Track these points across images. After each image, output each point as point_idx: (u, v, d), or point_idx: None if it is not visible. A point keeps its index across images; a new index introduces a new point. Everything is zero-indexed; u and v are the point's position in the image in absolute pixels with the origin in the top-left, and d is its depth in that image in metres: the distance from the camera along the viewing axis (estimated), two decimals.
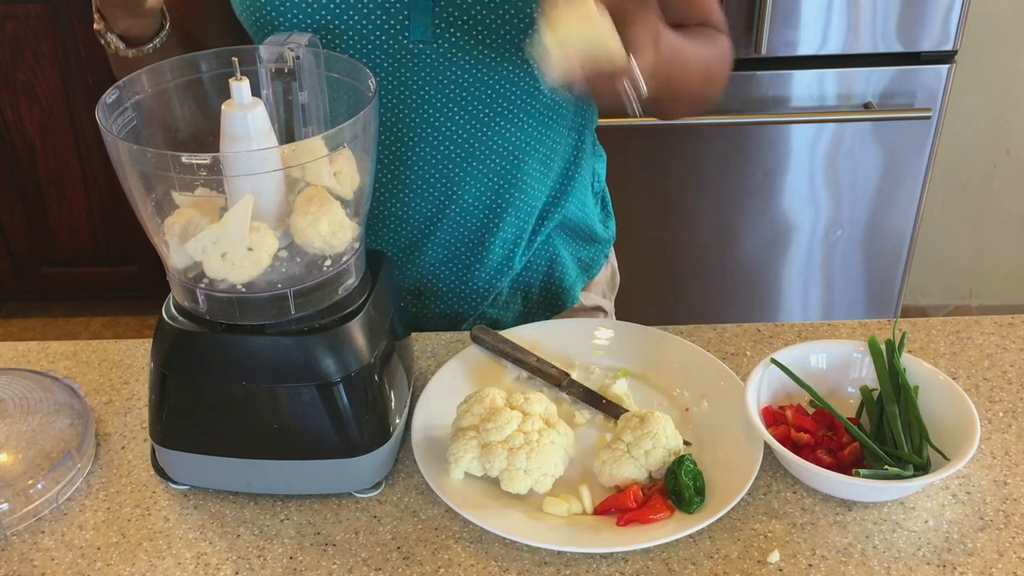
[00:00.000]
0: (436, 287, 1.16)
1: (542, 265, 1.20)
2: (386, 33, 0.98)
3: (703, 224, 2.15)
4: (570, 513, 0.86)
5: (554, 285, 1.21)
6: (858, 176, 2.11)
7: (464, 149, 1.06)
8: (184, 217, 0.83)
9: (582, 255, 1.24)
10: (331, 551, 0.84)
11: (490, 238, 1.12)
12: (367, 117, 0.82)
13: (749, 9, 1.92)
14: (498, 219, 1.11)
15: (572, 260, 1.22)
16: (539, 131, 1.08)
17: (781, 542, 0.84)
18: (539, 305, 1.22)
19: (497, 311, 1.20)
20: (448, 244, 1.13)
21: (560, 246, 1.20)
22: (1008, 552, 0.82)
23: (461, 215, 1.10)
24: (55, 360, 1.09)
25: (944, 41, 1.97)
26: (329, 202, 0.83)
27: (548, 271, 1.20)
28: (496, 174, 1.08)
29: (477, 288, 1.16)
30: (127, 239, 2.76)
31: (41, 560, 0.84)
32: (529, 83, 1.03)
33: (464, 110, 1.03)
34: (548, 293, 1.22)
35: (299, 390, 0.84)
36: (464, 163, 1.07)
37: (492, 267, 1.15)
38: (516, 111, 1.05)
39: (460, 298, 1.17)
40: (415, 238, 1.12)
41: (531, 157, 1.09)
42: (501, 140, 1.06)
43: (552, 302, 1.22)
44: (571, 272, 1.22)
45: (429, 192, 1.08)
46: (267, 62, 0.87)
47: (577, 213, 1.19)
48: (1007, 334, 1.09)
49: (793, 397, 0.96)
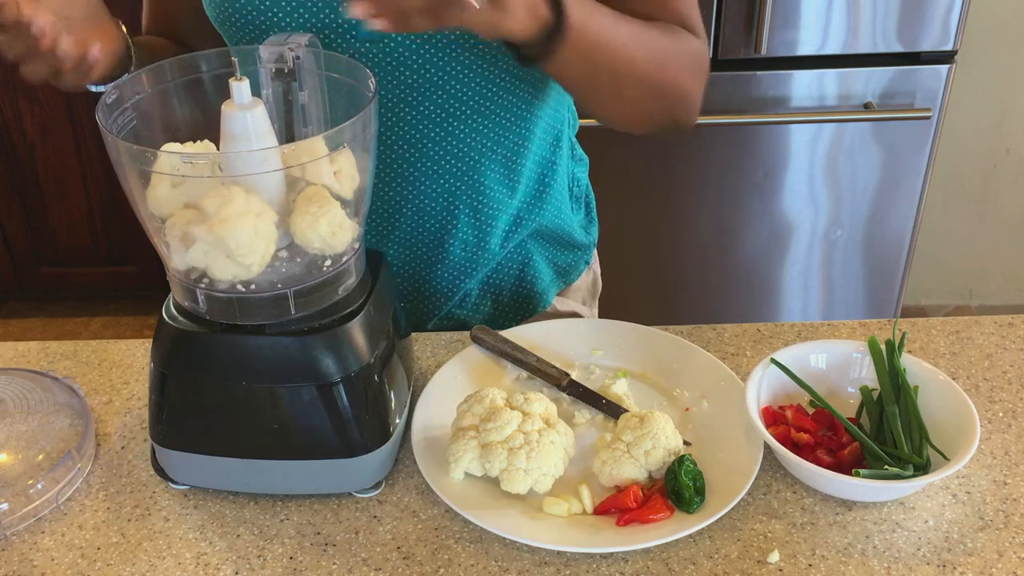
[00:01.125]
0: (398, 286, 1.16)
1: (514, 268, 1.19)
2: (334, 32, 0.97)
3: (703, 224, 2.15)
4: (570, 513, 0.86)
5: (526, 289, 1.20)
6: (858, 176, 2.11)
7: (417, 149, 1.05)
8: (184, 218, 0.83)
9: (558, 260, 1.23)
10: (331, 551, 0.84)
11: (449, 239, 1.12)
12: (367, 117, 0.82)
13: (749, 9, 1.92)
14: (456, 220, 1.10)
15: (547, 264, 1.21)
16: (496, 132, 1.07)
17: (781, 542, 0.84)
18: (510, 308, 1.21)
19: (466, 312, 1.19)
20: (407, 244, 1.12)
21: (534, 250, 1.19)
22: (1008, 552, 0.82)
23: (418, 215, 1.10)
24: (55, 360, 1.09)
25: (944, 41, 1.97)
26: (329, 202, 0.83)
27: (520, 274, 1.19)
28: (451, 175, 1.07)
29: (439, 288, 1.15)
30: (127, 239, 2.76)
31: (41, 560, 0.84)
32: (482, 84, 1.02)
33: (415, 110, 1.02)
34: (519, 296, 1.21)
35: (299, 390, 0.84)
36: (418, 163, 1.06)
37: (454, 268, 1.14)
38: (468, 111, 1.04)
39: (423, 298, 1.16)
40: (374, 236, 1.11)
41: (488, 159, 1.08)
42: (455, 140, 1.05)
43: (523, 306, 1.22)
44: (545, 276, 1.21)
45: (384, 192, 1.08)
46: (267, 62, 0.87)
47: (553, 219, 1.18)
48: (1007, 334, 1.09)
49: (793, 397, 0.96)
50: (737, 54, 1.98)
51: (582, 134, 1.26)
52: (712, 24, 1.94)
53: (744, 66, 1.99)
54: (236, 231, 0.78)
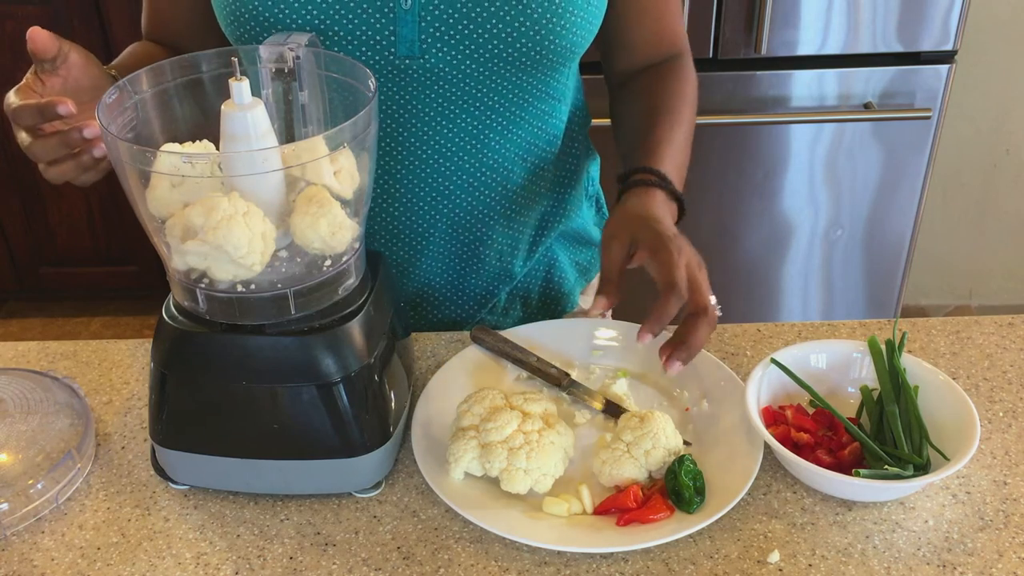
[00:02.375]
0: (432, 297, 1.16)
1: (540, 271, 1.20)
2: (372, 49, 0.97)
3: (703, 224, 2.15)
4: (570, 513, 0.86)
5: (553, 290, 1.21)
6: (858, 176, 2.11)
7: (453, 162, 1.05)
8: (184, 218, 0.83)
9: (579, 259, 1.24)
10: (331, 551, 0.84)
11: (484, 249, 1.13)
12: (367, 117, 0.82)
13: (749, 9, 1.92)
14: (490, 230, 1.11)
15: (570, 264, 1.22)
16: (528, 142, 1.08)
17: (781, 542, 0.84)
18: (539, 311, 1.22)
19: (496, 317, 1.20)
20: (442, 255, 1.13)
21: (559, 252, 1.20)
22: (1008, 552, 0.82)
23: (453, 227, 1.10)
24: (55, 360, 1.09)
25: (944, 41, 1.97)
26: (329, 203, 0.83)
27: (547, 277, 1.20)
28: (486, 186, 1.08)
29: (474, 296, 1.16)
30: (127, 239, 2.76)
31: (41, 560, 0.84)
32: (518, 95, 1.03)
33: (453, 123, 1.03)
34: (547, 299, 1.22)
35: (299, 390, 0.84)
36: (454, 176, 1.06)
37: (488, 276, 1.15)
38: (505, 123, 1.05)
39: (457, 306, 1.17)
40: (409, 250, 1.12)
41: (520, 167, 1.09)
42: (491, 152, 1.06)
43: (551, 307, 1.22)
44: (569, 277, 1.22)
45: (419, 205, 1.08)
46: (267, 62, 0.87)
47: (575, 219, 1.19)
48: (1007, 334, 1.09)
49: (793, 397, 0.96)
50: (737, 54, 1.98)
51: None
52: (712, 24, 1.94)
53: (744, 66, 1.99)
54: (231, 235, 0.78)
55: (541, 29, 0.96)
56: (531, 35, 0.97)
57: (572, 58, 1.03)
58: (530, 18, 0.96)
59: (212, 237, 0.77)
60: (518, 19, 0.96)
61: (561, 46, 0.99)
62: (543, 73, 1.02)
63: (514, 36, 0.97)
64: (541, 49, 0.98)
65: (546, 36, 0.97)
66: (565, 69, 1.05)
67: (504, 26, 0.96)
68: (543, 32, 0.97)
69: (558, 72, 1.04)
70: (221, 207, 0.78)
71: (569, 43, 0.99)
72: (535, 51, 0.98)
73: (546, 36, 0.97)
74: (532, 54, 0.98)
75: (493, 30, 0.96)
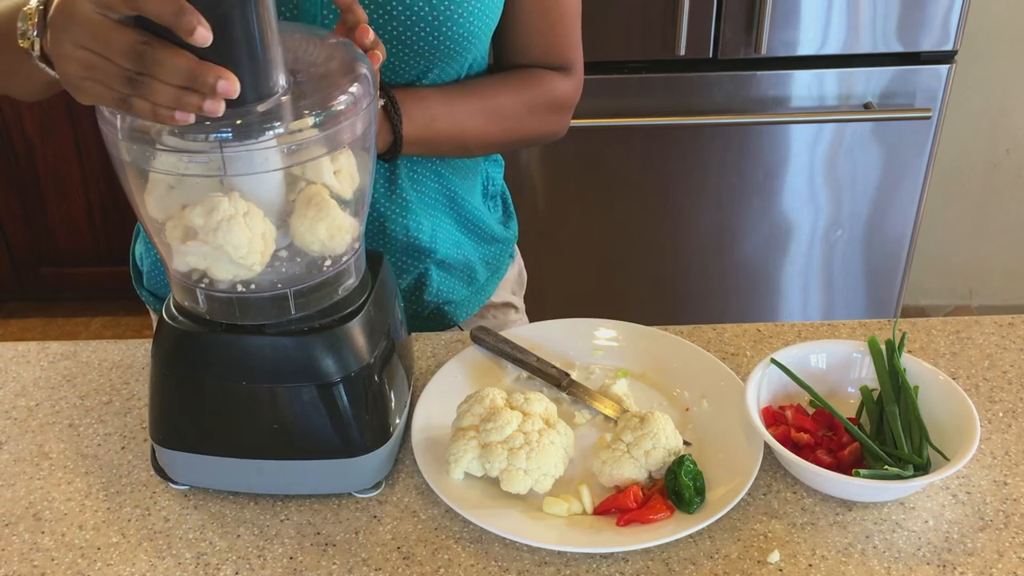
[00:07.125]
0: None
1: (459, 265, 1.21)
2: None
3: (703, 224, 2.15)
4: (570, 513, 0.86)
5: (474, 284, 1.24)
6: (858, 176, 2.11)
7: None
8: (185, 218, 0.83)
9: (486, 255, 1.25)
10: (331, 551, 0.84)
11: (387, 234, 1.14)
12: (367, 117, 0.82)
13: (749, 9, 1.92)
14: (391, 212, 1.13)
15: (480, 262, 1.23)
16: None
17: (781, 542, 0.84)
18: (464, 300, 1.24)
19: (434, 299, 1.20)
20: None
21: (468, 249, 1.21)
22: (1008, 552, 0.82)
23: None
24: (55, 360, 1.09)
25: (944, 41, 1.97)
26: (328, 206, 0.83)
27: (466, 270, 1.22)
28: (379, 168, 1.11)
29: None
30: (127, 239, 2.76)
31: (41, 560, 0.84)
32: (415, 82, 1.05)
33: None
34: (470, 291, 1.24)
35: (299, 390, 0.84)
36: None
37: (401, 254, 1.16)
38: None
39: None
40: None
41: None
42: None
43: (472, 300, 1.24)
44: (481, 274, 1.23)
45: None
46: None
47: (473, 212, 1.20)
48: (1007, 334, 1.09)
49: (793, 397, 0.96)
50: (737, 54, 1.98)
51: (582, 134, 1.26)
52: (712, 24, 1.94)
53: (744, 66, 1.99)
54: (231, 236, 0.77)
55: (440, 15, 0.98)
56: (429, 19, 0.98)
57: (469, 48, 1.04)
58: (429, 3, 0.98)
59: (212, 239, 0.77)
60: (418, 2, 0.97)
61: (458, 34, 1.01)
62: (442, 61, 1.04)
63: (413, 20, 0.98)
64: (439, 35, 1.00)
65: (444, 23, 0.99)
66: (463, 60, 1.06)
67: (404, 8, 0.97)
68: (441, 19, 0.99)
69: (455, 63, 1.05)
70: (221, 207, 0.78)
71: (466, 31, 1.01)
72: (433, 36, 1.00)
73: (444, 23, 0.99)
74: (431, 39, 1.00)
75: (393, 11, 0.97)
